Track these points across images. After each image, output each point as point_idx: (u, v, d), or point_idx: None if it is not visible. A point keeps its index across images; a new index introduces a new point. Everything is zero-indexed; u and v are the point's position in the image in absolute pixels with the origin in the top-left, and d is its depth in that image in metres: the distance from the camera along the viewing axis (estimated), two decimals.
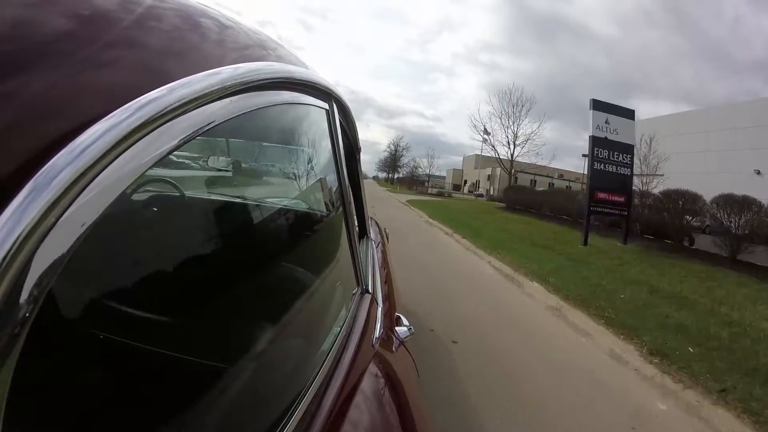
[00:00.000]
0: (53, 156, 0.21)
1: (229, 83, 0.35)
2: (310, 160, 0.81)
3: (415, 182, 65.23)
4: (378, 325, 0.82)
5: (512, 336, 3.02)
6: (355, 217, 0.93)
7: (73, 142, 0.22)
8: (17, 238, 0.19)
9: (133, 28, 0.31)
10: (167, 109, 0.27)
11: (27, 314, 0.19)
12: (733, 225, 6.98)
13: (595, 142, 8.16)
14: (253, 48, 0.47)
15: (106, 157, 0.23)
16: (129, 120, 0.25)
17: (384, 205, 13.69)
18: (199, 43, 0.38)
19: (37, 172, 0.21)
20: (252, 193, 0.83)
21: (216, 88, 0.33)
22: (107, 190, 0.23)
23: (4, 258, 0.18)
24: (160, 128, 0.27)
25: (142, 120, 0.25)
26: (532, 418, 1.94)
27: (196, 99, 0.31)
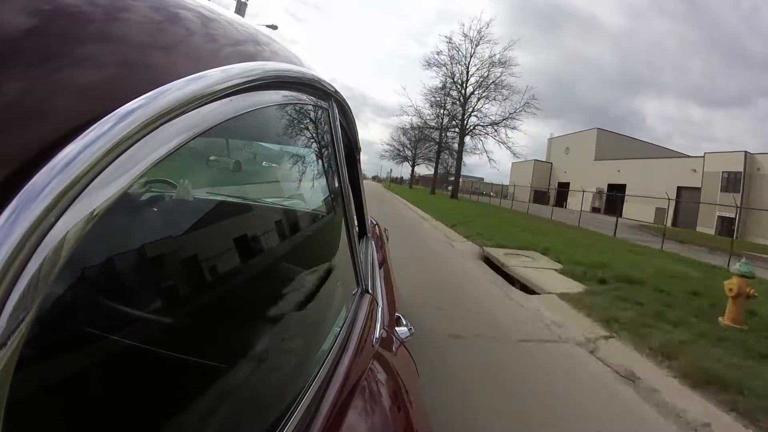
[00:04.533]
0: (53, 156, 0.21)
1: (228, 83, 0.35)
2: (309, 160, 0.80)
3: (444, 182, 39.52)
4: (378, 325, 0.82)
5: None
6: (355, 217, 0.93)
7: (73, 142, 0.22)
8: (16, 238, 0.19)
9: (128, 26, 0.31)
10: (166, 110, 0.27)
11: (26, 315, 0.19)
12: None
13: None
14: (246, 43, 0.46)
15: (106, 158, 0.23)
16: (128, 120, 0.25)
17: None
18: (194, 41, 0.37)
19: (38, 171, 0.20)
20: (252, 193, 0.83)
21: (215, 88, 0.33)
22: (107, 190, 0.23)
23: (3, 259, 0.18)
24: (159, 129, 0.27)
25: (141, 121, 0.25)
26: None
27: (196, 99, 0.30)
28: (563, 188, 33.67)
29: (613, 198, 25.31)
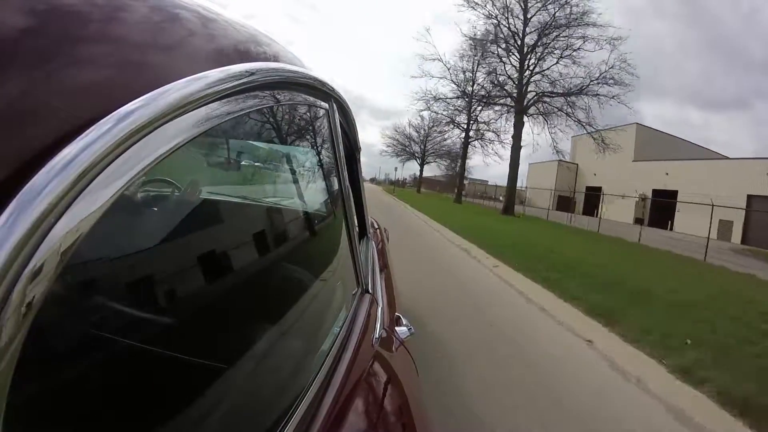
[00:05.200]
0: (53, 156, 0.21)
1: (228, 84, 0.35)
2: (309, 160, 0.80)
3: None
4: (378, 325, 0.82)
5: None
6: (355, 217, 0.93)
7: (72, 142, 0.22)
8: (16, 239, 0.19)
9: (128, 27, 0.31)
10: (166, 110, 0.27)
11: (27, 316, 0.19)
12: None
13: None
14: (246, 44, 0.46)
15: (106, 158, 0.23)
16: (128, 121, 0.25)
17: None
18: (194, 41, 0.37)
19: (38, 171, 0.21)
20: (251, 194, 0.83)
21: (215, 88, 0.33)
22: (107, 190, 0.23)
23: (3, 259, 0.18)
24: (159, 129, 0.27)
25: (142, 120, 0.25)
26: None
27: (196, 99, 0.30)
28: (593, 193, 26.55)
29: (664, 206, 19.60)
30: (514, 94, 18.52)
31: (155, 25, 0.34)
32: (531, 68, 18.51)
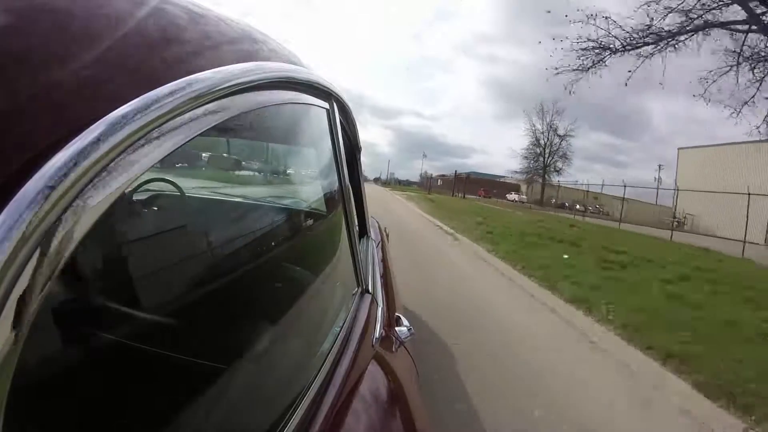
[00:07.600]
0: (52, 157, 0.21)
1: (228, 83, 0.34)
2: (310, 160, 0.80)
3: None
4: (378, 326, 0.81)
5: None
6: (355, 216, 0.93)
7: (72, 142, 0.22)
8: (17, 238, 0.19)
9: (127, 28, 0.31)
10: (167, 110, 0.27)
11: (27, 315, 0.19)
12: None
13: None
14: (243, 41, 0.46)
15: (106, 158, 0.23)
16: (128, 120, 0.25)
17: None
18: (193, 41, 0.37)
19: (37, 172, 0.20)
20: (252, 193, 0.83)
21: (215, 88, 0.33)
22: (107, 190, 0.23)
23: (3, 259, 0.18)
24: (159, 129, 0.27)
25: (142, 120, 0.25)
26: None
27: (196, 99, 0.30)
28: None
29: None
30: None
31: (156, 25, 0.34)
32: None
